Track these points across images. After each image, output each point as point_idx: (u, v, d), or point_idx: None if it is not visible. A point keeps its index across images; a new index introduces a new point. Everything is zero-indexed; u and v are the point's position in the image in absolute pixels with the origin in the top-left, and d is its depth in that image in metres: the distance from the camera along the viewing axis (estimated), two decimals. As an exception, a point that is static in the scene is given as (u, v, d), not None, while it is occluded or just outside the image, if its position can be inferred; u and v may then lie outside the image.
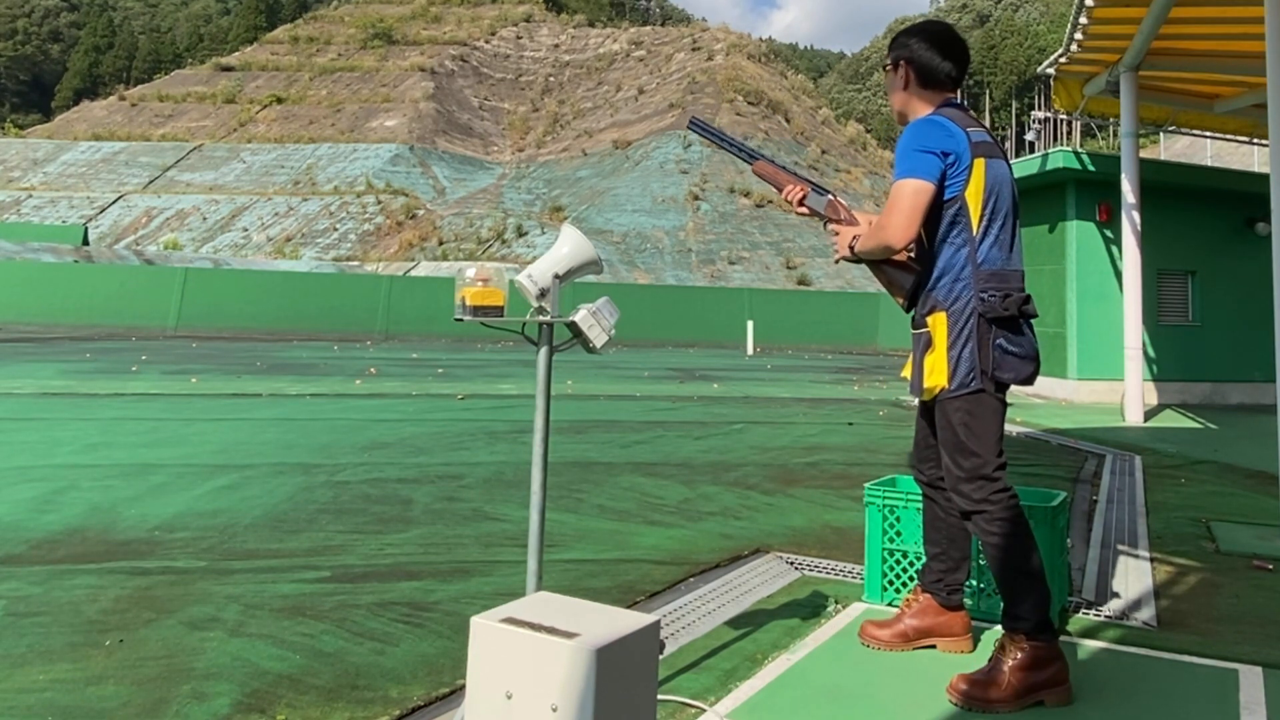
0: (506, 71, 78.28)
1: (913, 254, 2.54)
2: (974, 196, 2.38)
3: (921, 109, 2.52)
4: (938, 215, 2.41)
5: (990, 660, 2.36)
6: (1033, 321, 2.46)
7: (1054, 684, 2.29)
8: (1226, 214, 11.78)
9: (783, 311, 27.15)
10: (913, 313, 2.54)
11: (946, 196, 2.39)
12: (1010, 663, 2.29)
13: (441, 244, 46.34)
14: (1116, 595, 3.29)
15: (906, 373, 2.63)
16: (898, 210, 2.35)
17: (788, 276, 42.83)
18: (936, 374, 2.40)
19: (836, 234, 2.59)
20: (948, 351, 2.39)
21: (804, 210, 2.64)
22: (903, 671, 2.51)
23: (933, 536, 2.70)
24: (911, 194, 2.34)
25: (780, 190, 2.71)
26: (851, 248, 2.52)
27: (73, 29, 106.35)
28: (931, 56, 2.52)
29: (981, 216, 2.39)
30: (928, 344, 2.43)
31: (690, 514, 4.47)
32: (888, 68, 2.64)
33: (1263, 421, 9.29)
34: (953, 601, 2.65)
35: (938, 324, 2.41)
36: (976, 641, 2.67)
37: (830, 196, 2.65)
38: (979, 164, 2.38)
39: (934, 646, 2.65)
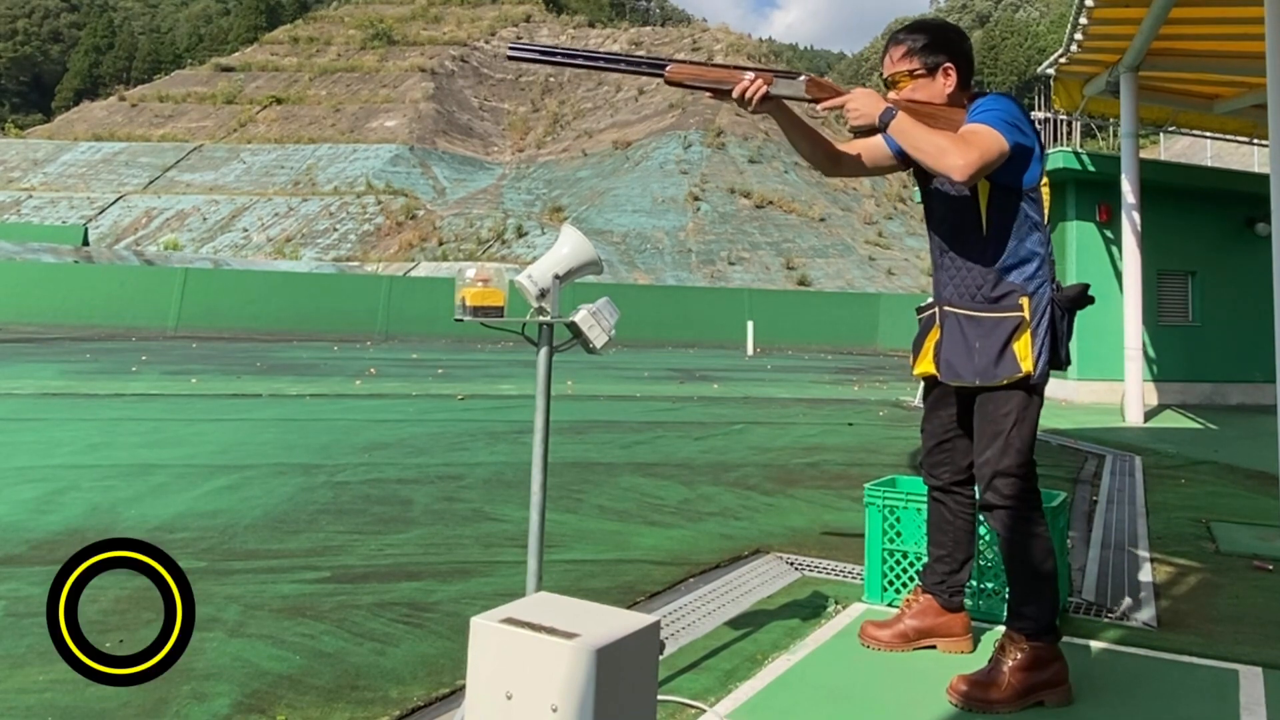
0: (506, 72, 78.25)
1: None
2: (1045, 187, 2.40)
3: (960, 112, 2.33)
4: (1008, 197, 2.34)
5: (990, 661, 2.35)
6: None
7: (1054, 684, 2.29)
8: (1226, 214, 11.78)
9: (783, 312, 27.15)
10: (969, 295, 2.40)
11: (1030, 184, 2.34)
12: (1010, 663, 2.28)
13: (441, 244, 46.33)
14: (1116, 596, 3.29)
15: (926, 367, 2.52)
16: (974, 149, 2.13)
17: (788, 277, 42.81)
18: (1027, 359, 2.31)
19: (845, 106, 2.23)
20: (1032, 337, 2.32)
21: (766, 108, 2.23)
22: (903, 672, 2.51)
23: (939, 539, 2.67)
24: (994, 145, 2.16)
25: (724, 93, 2.22)
26: (885, 120, 2.19)
27: (73, 29, 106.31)
28: (969, 58, 2.42)
29: (1047, 209, 2.41)
30: (1018, 328, 2.31)
31: (690, 514, 4.47)
32: (919, 72, 2.36)
33: (1263, 422, 9.29)
34: (954, 603, 2.65)
35: (1025, 308, 2.33)
36: (977, 642, 2.66)
37: (804, 76, 2.26)
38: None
39: (934, 647, 2.65)
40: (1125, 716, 2.24)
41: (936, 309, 2.52)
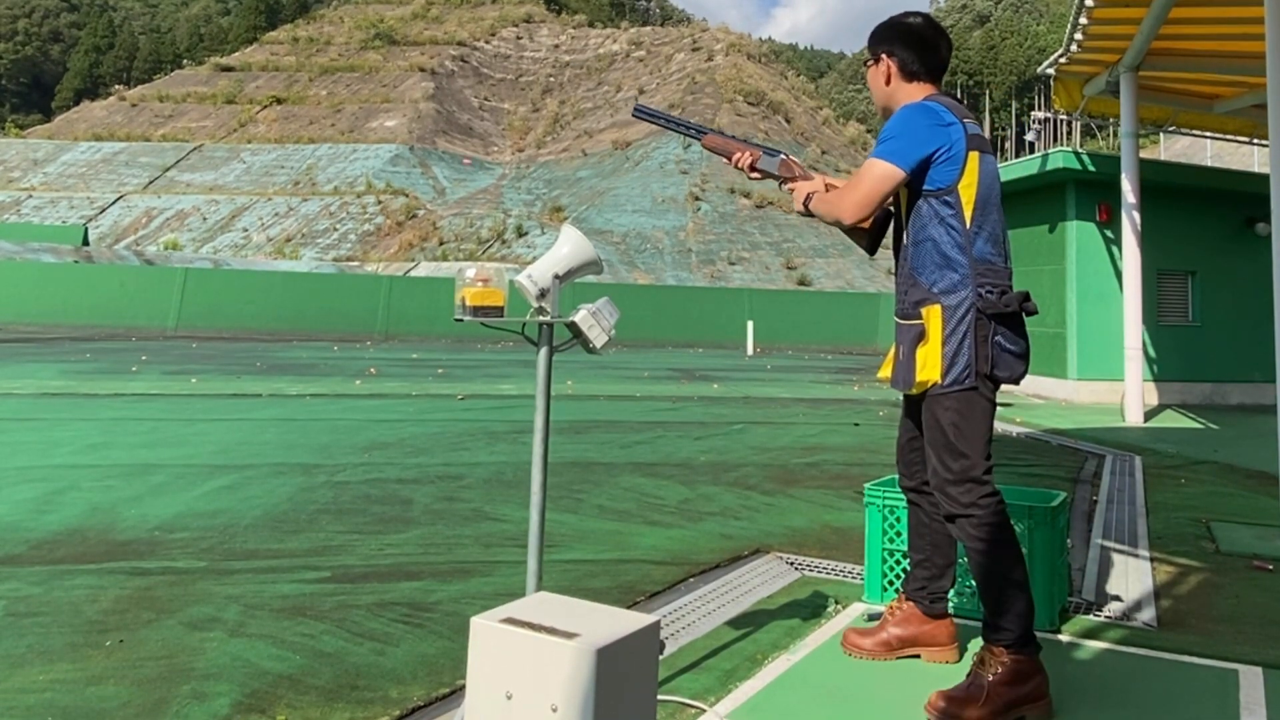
0: (507, 72, 78.26)
1: (866, 225, 2.55)
2: (967, 189, 2.31)
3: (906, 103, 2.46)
4: (918, 203, 2.36)
5: (969, 675, 2.26)
6: (1032, 321, 2.41)
7: (1035, 699, 2.21)
8: (1226, 214, 11.78)
9: (783, 312, 27.13)
10: (898, 302, 2.47)
11: (938, 186, 2.32)
12: (990, 678, 2.21)
13: (442, 244, 46.31)
14: (1117, 596, 3.29)
15: (885, 373, 2.53)
16: (857, 189, 2.34)
17: (788, 277, 42.80)
18: (929, 368, 2.31)
19: (793, 191, 2.59)
20: (942, 345, 2.29)
21: (757, 175, 2.65)
22: (903, 672, 2.51)
23: (916, 543, 2.62)
24: (877, 178, 2.32)
25: (730, 159, 2.70)
26: (806, 204, 2.52)
27: (73, 29, 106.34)
28: (913, 49, 2.46)
29: (974, 211, 2.32)
30: (920, 336, 2.33)
31: (690, 514, 4.47)
32: (869, 63, 2.57)
33: (1263, 421, 9.29)
34: (935, 610, 2.58)
35: (932, 316, 2.31)
36: (963, 652, 2.60)
37: (782, 156, 2.66)
38: (974, 157, 2.32)
39: (918, 656, 2.57)
40: (1125, 717, 2.24)
41: None
